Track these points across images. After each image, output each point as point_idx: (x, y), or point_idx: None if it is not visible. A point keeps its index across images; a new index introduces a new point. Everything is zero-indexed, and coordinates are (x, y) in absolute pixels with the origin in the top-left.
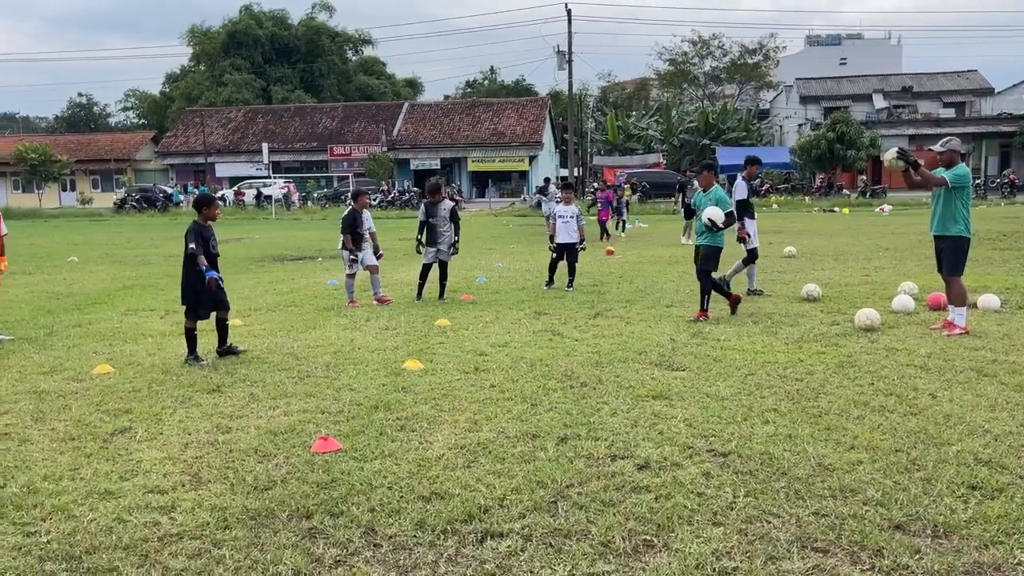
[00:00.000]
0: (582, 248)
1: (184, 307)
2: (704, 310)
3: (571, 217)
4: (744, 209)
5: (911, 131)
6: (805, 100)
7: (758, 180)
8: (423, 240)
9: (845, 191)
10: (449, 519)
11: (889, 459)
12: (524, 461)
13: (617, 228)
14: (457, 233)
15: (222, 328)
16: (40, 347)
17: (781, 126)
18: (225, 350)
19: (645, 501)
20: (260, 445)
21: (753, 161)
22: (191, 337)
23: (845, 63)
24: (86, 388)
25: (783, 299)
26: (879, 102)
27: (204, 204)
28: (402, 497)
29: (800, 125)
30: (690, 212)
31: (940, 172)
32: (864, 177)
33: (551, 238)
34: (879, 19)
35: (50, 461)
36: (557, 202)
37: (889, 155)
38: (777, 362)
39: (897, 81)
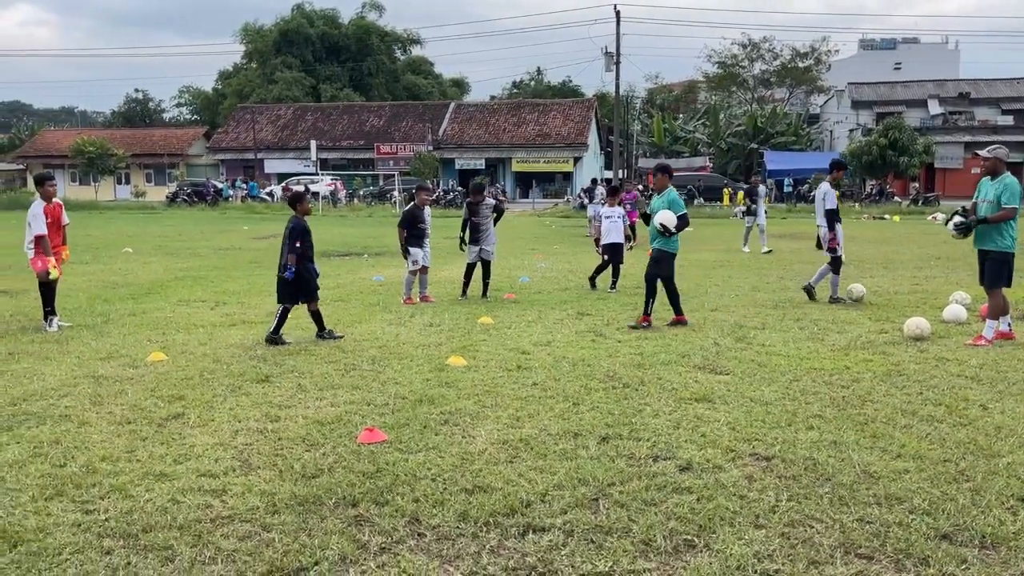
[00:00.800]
0: (629, 248)
1: (278, 294)
2: (646, 315)
3: (618, 218)
4: (833, 216)
5: (967, 138)
6: (857, 105)
7: (805, 186)
8: (466, 239)
9: (896, 198)
10: (492, 511)
11: (937, 469)
12: (566, 458)
13: (629, 247)
14: (496, 222)
15: (316, 317)
16: (97, 334)
17: (831, 131)
18: (326, 334)
19: (687, 502)
20: (308, 434)
21: (838, 165)
22: (283, 317)
23: (900, 68)
24: (141, 374)
25: (829, 306)
26: (934, 108)
27: (297, 200)
28: (445, 489)
29: (851, 130)
30: (647, 218)
31: (984, 184)
32: (917, 184)
33: (596, 241)
34: (937, 23)
35: (108, 443)
36: (602, 204)
37: (951, 233)
38: (823, 369)
39: (954, 87)
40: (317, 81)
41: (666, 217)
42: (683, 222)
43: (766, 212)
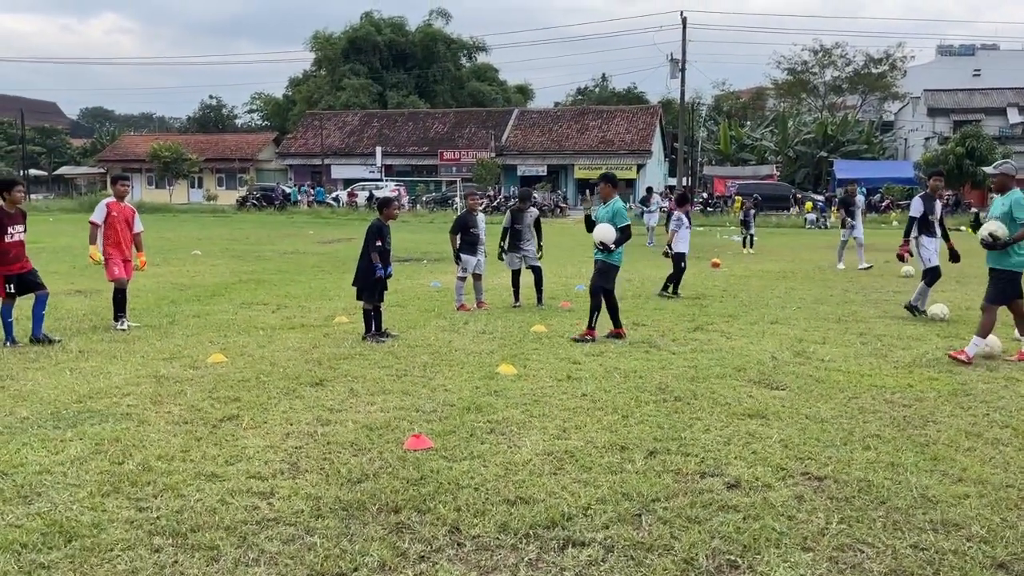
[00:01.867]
0: (676, 252)
1: (357, 291)
2: (591, 328)
3: (685, 227)
4: (923, 227)
5: None
6: (933, 112)
7: (877, 196)
8: (505, 247)
9: (974, 209)
10: (532, 524)
11: (999, 494)
12: (611, 472)
13: (745, 244)
14: (540, 239)
15: (377, 316)
16: (162, 335)
17: (906, 139)
18: (383, 333)
19: (732, 520)
20: (356, 439)
21: (936, 173)
22: (368, 318)
23: (979, 75)
24: (201, 375)
25: (896, 320)
26: (1014, 116)
27: (384, 205)
28: (487, 499)
29: (927, 139)
30: (590, 224)
31: (995, 203)
32: (995, 195)
33: (669, 245)
34: (1020, 29)
35: (164, 442)
36: (663, 211)
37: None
38: (884, 386)
39: None
40: (384, 88)
41: (604, 233)
42: (624, 235)
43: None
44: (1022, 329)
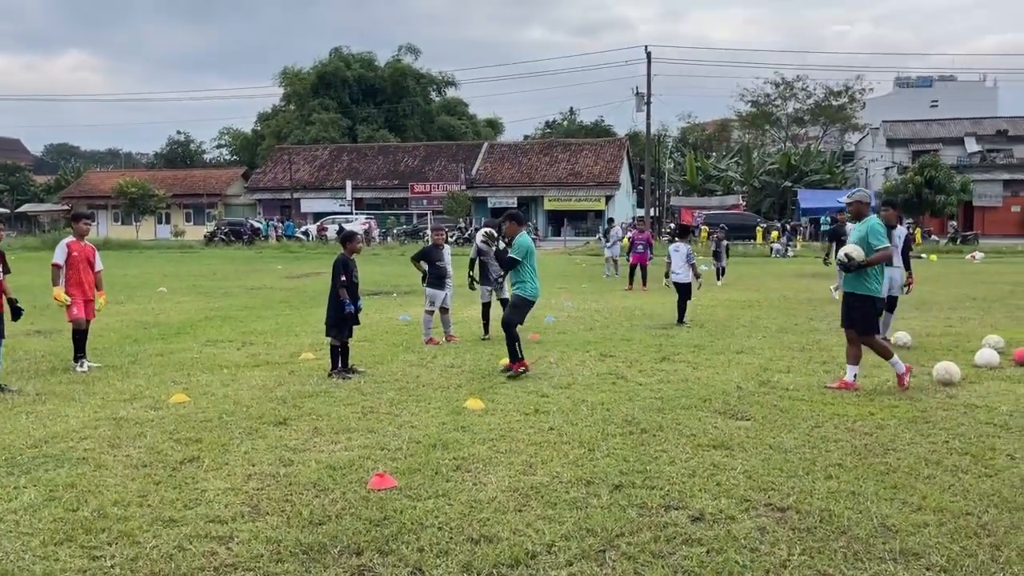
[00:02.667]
0: (698, 287)
1: (326, 327)
2: (519, 360)
3: (684, 256)
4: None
5: (1006, 176)
6: (892, 143)
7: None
8: (476, 277)
9: (934, 237)
10: (496, 563)
11: (958, 522)
12: (576, 507)
13: (719, 276)
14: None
15: (345, 351)
16: (123, 375)
17: (867, 169)
18: (349, 369)
19: (696, 554)
20: (319, 479)
21: (886, 203)
22: (335, 354)
23: (937, 105)
24: (162, 416)
25: None
26: (971, 146)
27: (347, 239)
28: (451, 538)
29: (887, 168)
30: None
31: (853, 233)
32: (954, 223)
33: (666, 275)
34: (975, 61)
35: (121, 487)
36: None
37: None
38: (847, 415)
39: (991, 124)
40: (353, 122)
41: (498, 265)
42: (505, 264)
43: None
44: (851, 358)
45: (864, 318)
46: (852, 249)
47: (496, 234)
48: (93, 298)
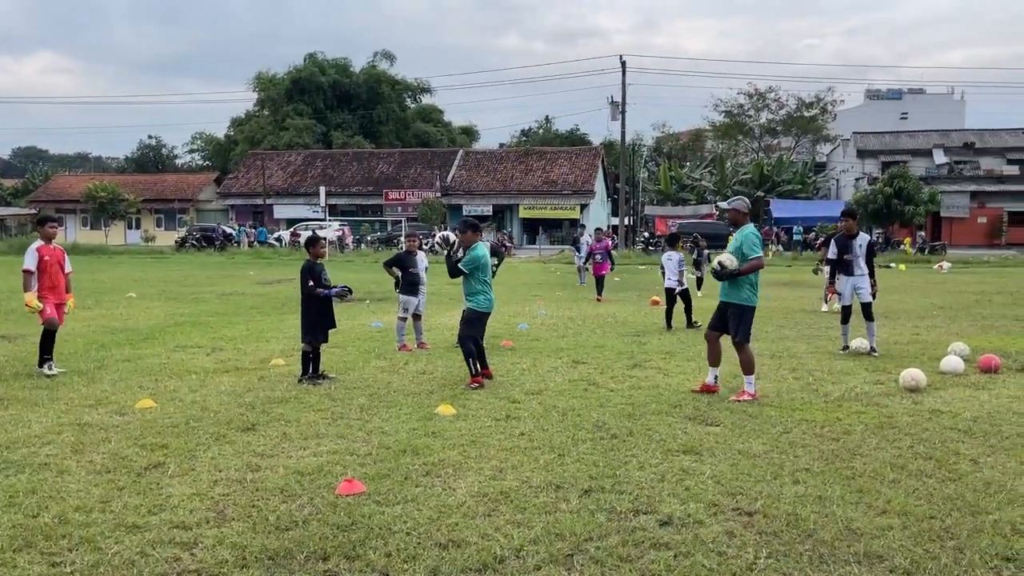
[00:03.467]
0: (678, 291)
1: (301, 333)
2: (476, 376)
3: (676, 264)
4: (841, 268)
5: (973, 187)
6: (863, 154)
7: (812, 234)
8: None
9: (903, 247)
10: (463, 567)
11: (921, 525)
12: (545, 512)
13: (699, 288)
14: (498, 264)
15: (316, 357)
16: (89, 380)
17: (838, 179)
18: (320, 375)
19: (663, 558)
20: (287, 485)
21: (845, 214)
22: (306, 360)
23: (906, 118)
24: (127, 422)
25: (827, 356)
26: (939, 158)
27: (311, 244)
28: (419, 543)
29: (857, 179)
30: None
31: (733, 239)
32: (923, 233)
33: (679, 283)
34: (943, 74)
35: (84, 493)
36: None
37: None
38: (814, 420)
39: (959, 137)
40: (328, 128)
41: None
42: (451, 273)
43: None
44: (743, 367)
45: (741, 326)
46: (726, 258)
47: (451, 239)
48: (64, 301)
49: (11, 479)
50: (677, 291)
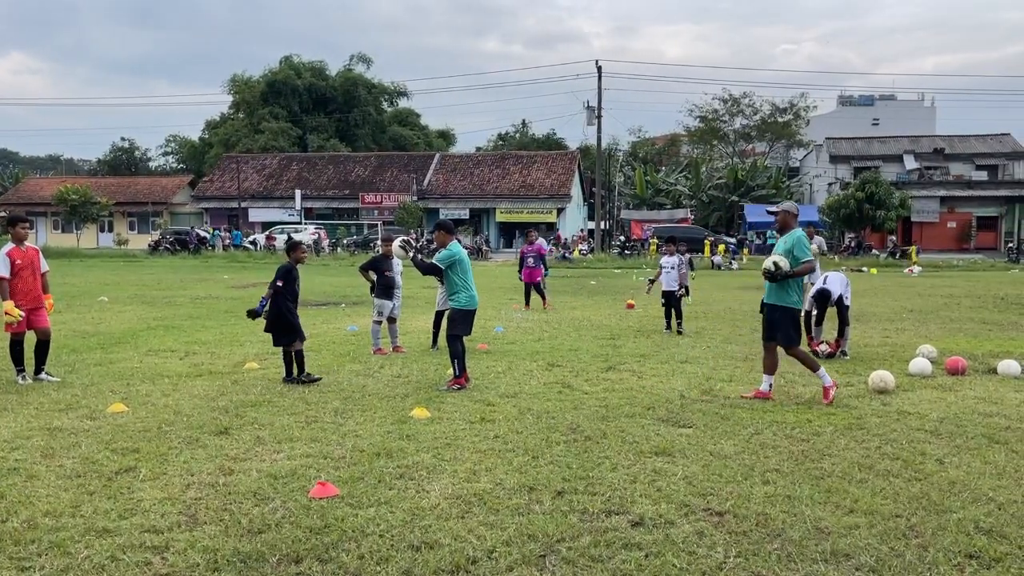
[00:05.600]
0: (681, 294)
1: (273, 338)
2: (460, 376)
3: (671, 268)
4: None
5: (942, 192)
6: (835, 159)
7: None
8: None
9: (874, 251)
10: (436, 569)
11: (887, 524)
12: (518, 513)
13: (687, 296)
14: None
15: (299, 358)
16: (60, 385)
17: (811, 184)
18: (303, 378)
19: (635, 558)
20: (259, 488)
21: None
22: (288, 360)
23: (878, 124)
24: (98, 426)
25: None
26: (910, 163)
27: (292, 248)
28: (392, 545)
29: (830, 184)
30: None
31: (778, 242)
32: (894, 237)
33: (684, 288)
34: (914, 81)
35: (53, 497)
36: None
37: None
38: (785, 422)
39: (929, 143)
40: (304, 132)
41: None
42: (425, 271)
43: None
44: (768, 368)
45: (787, 330)
46: (780, 259)
47: (413, 243)
48: (42, 304)
49: None
50: (679, 294)
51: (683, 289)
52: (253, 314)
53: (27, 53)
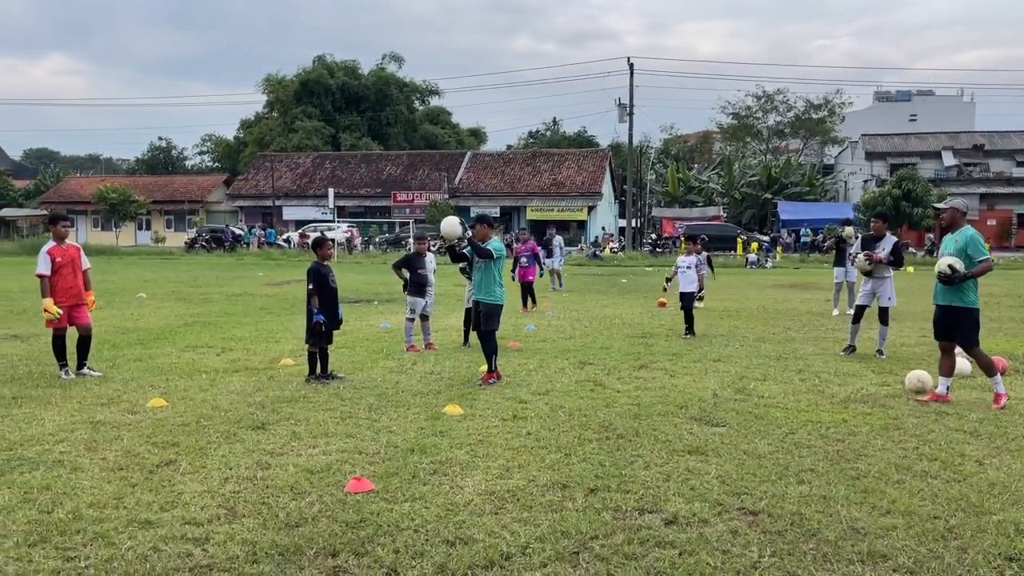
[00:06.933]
0: (699, 297)
1: (306, 334)
2: (494, 371)
3: (688, 268)
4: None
5: (982, 190)
6: (871, 156)
7: (820, 236)
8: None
9: (911, 249)
10: (471, 564)
11: (925, 526)
12: (551, 510)
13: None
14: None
15: (324, 356)
16: (101, 379)
17: (846, 182)
18: (328, 375)
19: (668, 556)
20: (296, 482)
21: (877, 215)
22: (312, 360)
23: (915, 119)
24: (139, 420)
25: (834, 357)
26: (948, 160)
27: (317, 245)
28: (427, 540)
29: (865, 181)
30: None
31: (947, 241)
32: (932, 235)
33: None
34: (953, 76)
35: (97, 489)
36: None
37: (940, 275)
38: (820, 421)
39: (968, 139)
40: (336, 130)
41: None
42: (481, 255)
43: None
44: (944, 371)
45: (967, 331)
46: (954, 260)
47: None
48: (83, 302)
49: (26, 476)
50: (698, 294)
51: (701, 291)
52: (317, 327)
53: (67, 54)
